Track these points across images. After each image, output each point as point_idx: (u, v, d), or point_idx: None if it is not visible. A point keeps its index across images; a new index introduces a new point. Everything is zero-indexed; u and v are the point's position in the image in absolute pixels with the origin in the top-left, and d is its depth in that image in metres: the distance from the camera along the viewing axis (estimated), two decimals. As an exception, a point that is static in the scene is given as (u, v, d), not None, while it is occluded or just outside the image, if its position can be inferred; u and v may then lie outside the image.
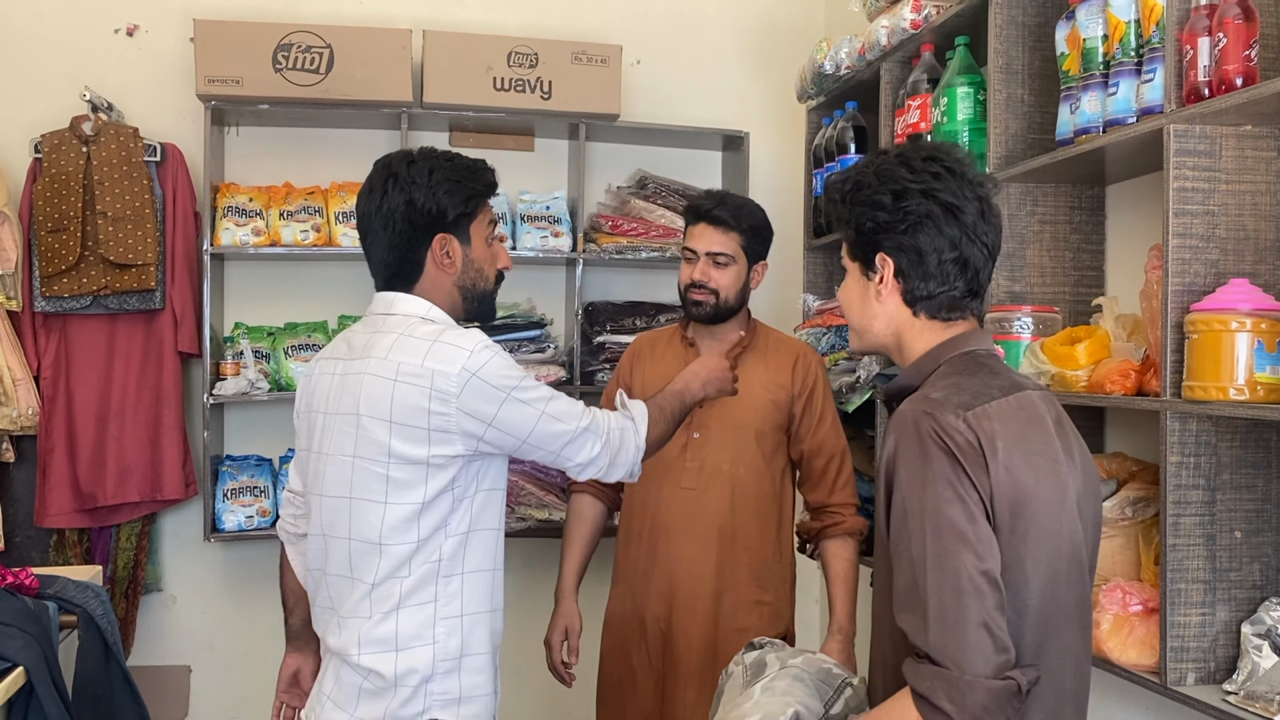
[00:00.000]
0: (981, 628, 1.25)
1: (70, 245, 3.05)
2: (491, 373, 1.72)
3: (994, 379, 1.40)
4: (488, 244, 1.89)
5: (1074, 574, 1.37)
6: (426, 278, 1.83)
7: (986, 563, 1.27)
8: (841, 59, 2.94)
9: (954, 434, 1.31)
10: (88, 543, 3.24)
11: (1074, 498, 1.37)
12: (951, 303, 1.44)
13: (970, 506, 1.29)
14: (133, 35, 3.39)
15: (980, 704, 1.23)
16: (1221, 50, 1.67)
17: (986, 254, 1.43)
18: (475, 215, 1.85)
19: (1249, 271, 1.78)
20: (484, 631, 1.80)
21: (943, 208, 1.40)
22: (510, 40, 3.32)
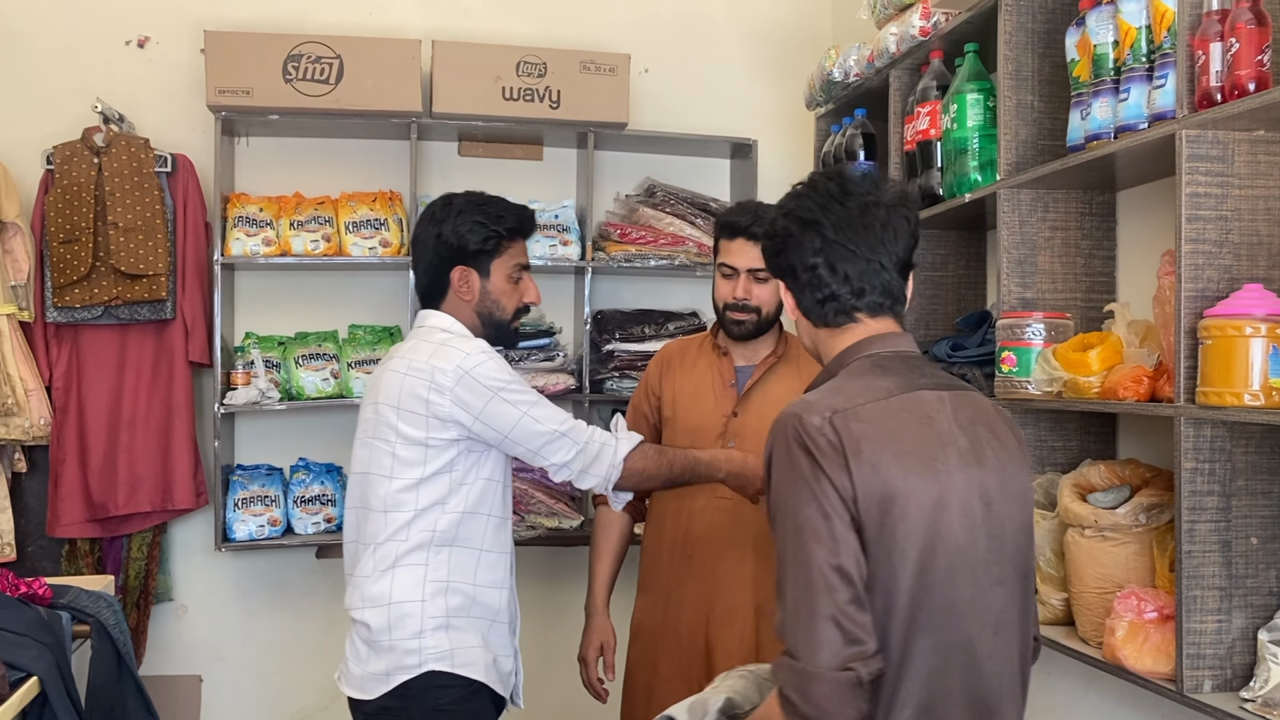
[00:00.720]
0: (830, 621, 1.30)
1: (82, 256, 3.07)
2: (483, 373, 2.01)
3: (884, 380, 1.45)
4: (510, 280, 2.17)
5: (960, 573, 1.38)
6: (449, 301, 2.16)
7: (840, 559, 1.33)
8: (850, 66, 2.94)
9: (816, 436, 1.37)
10: (99, 552, 3.24)
11: (963, 497, 1.39)
12: (836, 309, 1.52)
13: (825, 505, 1.35)
14: (144, 47, 3.41)
15: (823, 694, 1.29)
16: (1234, 55, 1.67)
17: (864, 258, 1.49)
18: (497, 253, 2.15)
19: (1263, 277, 1.77)
20: (471, 601, 2.04)
21: (800, 224, 1.51)
22: (519, 50, 3.33)
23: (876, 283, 1.50)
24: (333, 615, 3.49)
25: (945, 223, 2.68)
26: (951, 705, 1.39)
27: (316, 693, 3.52)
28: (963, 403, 1.48)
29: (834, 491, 1.35)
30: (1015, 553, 1.46)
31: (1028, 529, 1.50)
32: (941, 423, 1.43)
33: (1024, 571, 1.48)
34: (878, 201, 1.50)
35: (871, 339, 1.51)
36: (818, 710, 1.30)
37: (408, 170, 3.33)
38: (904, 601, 1.36)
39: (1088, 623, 2.09)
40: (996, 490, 1.43)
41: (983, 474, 1.43)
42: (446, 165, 3.57)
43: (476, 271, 2.14)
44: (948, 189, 2.51)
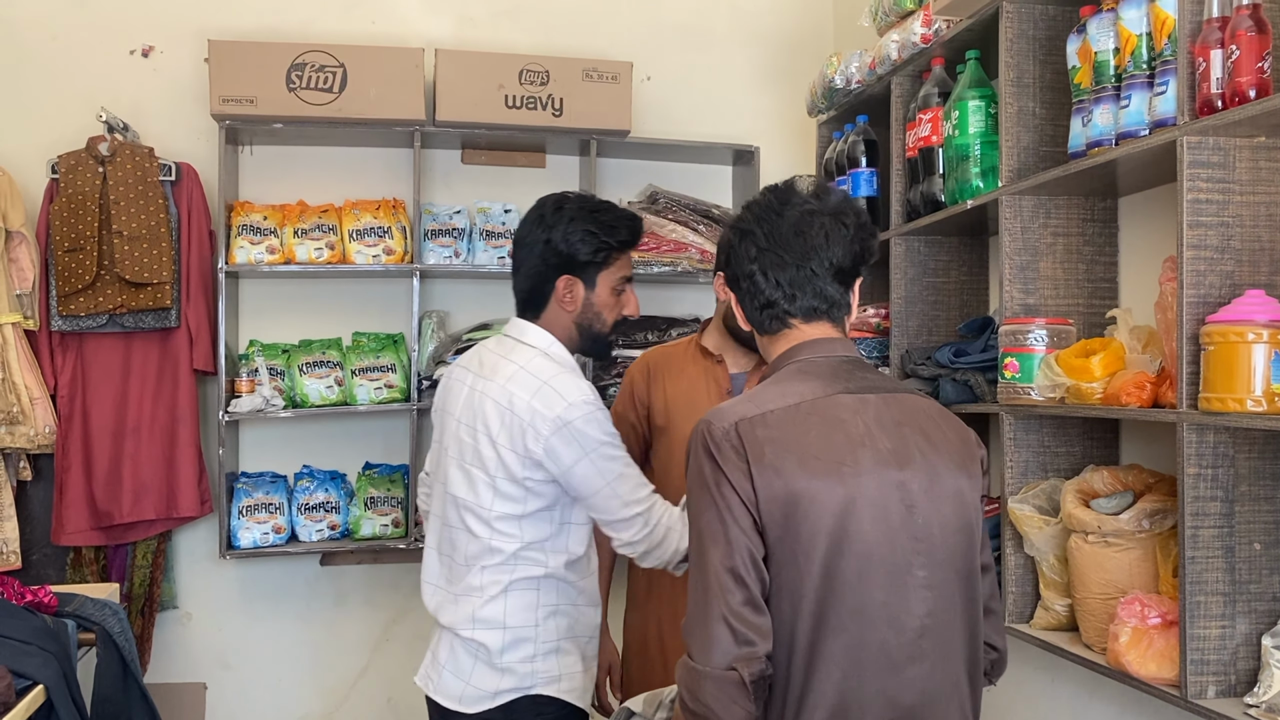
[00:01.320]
0: (721, 621, 1.35)
1: (86, 264, 3.08)
2: (581, 427, 1.94)
3: (801, 385, 1.48)
4: (614, 292, 2.12)
5: (872, 575, 1.40)
6: (549, 310, 2.09)
7: (733, 561, 1.37)
8: (852, 73, 2.95)
9: (721, 441, 1.42)
10: (104, 560, 3.25)
11: (876, 499, 1.41)
12: (771, 315, 1.56)
13: (722, 509, 1.39)
14: (148, 56, 3.42)
15: (708, 693, 1.34)
16: (1234, 62, 1.67)
17: (794, 264, 1.52)
18: (606, 265, 2.09)
19: (1265, 283, 1.78)
20: (575, 621, 2.07)
21: (739, 235, 1.57)
22: (521, 58, 3.34)
23: (809, 289, 1.54)
24: (337, 622, 3.51)
25: (947, 229, 2.69)
26: (868, 708, 1.40)
27: (321, 700, 3.52)
28: (891, 405, 1.50)
29: (735, 495, 1.39)
30: (950, 555, 1.46)
31: (967, 530, 1.49)
32: (855, 426, 1.45)
33: (965, 573, 1.48)
34: (817, 210, 1.54)
35: (802, 345, 1.55)
36: (704, 709, 1.35)
37: (411, 178, 3.34)
38: (811, 603, 1.38)
39: (1091, 628, 2.09)
40: (922, 492, 1.44)
41: (904, 476, 1.44)
42: (449, 173, 3.58)
43: (583, 282, 2.08)
44: (950, 195, 2.52)
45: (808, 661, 1.39)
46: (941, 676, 1.44)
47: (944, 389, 2.48)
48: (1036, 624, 2.27)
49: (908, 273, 2.78)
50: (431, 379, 3.31)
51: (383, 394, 3.32)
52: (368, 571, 3.52)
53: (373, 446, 3.50)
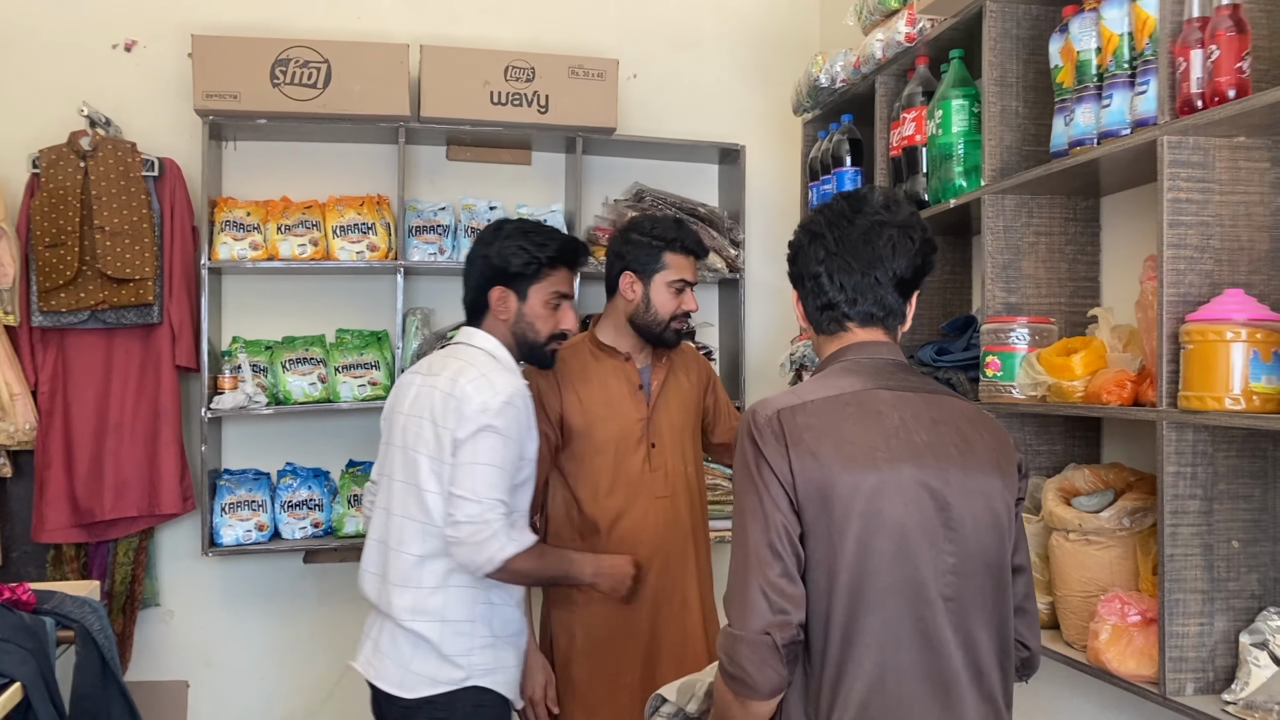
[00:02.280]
0: (759, 591, 1.46)
1: (68, 260, 3.06)
2: (495, 412, 2.11)
3: (844, 380, 1.57)
4: (547, 305, 2.31)
5: (907, 556, 1.47)
6: (488, 319, 2.31)
7: (770, 536, 1.47)
8: (837, 72, 2.96)
9: (763, 428, 1.52)
10: (85, 558, 3.23)
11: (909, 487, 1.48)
12: (831, 317, 1.64)
13: (761, 489, 1.49)
14: (130, 51, 3.41)
15: (743, 654, 1.45)
16: (1214, 62, 1.68)
17: (860, 271, 1.60)
18: (536, 279, 2.28)
19: (1244, 282, 1.78)
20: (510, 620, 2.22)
21: (810, 236, 1.65)
22: (507, 55, 3.33)
23: (870, 295, 1.61)
24: (320, 620, 3.50)
25: (931, 228, 2.68)
26: (905, 679, 1.47)
27: (304, 697, 3.51)
28: (930, 404, 1.57)
29: (774, 477, 1.49)
30: (981, 548, 1.52)
31: (998, 528, 1.54)
32: (891, 419, 1.53)
33: (996, 566, 1.53)
34: (887, 222, 1.61)
35: (851, 346, 1.63)
36: (739, 670, 1.46)
37: (395, 174, 3.33)
38: (846, 579, 1.46)
39: (1072, 626, 2.09)
40: (955, 486, 1.51)
41: (938, 469, 1.51)
42: (434, 169, 3.57)
43: (515, 293, 2.28)
44: (933, 194, 2.52)
45: (845, 635, 1.47)
46: (968, 660, 1.50)
47: (927, 387, 2.49)
48: (1018, 622, 2.27)
49: (892, 271, 2.78)
50: (415, 376, 3.30)
51: (366, 391, 3.31)
52: (351, 569, 3.48)
53: (356, 444, 3.49)
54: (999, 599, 1.54)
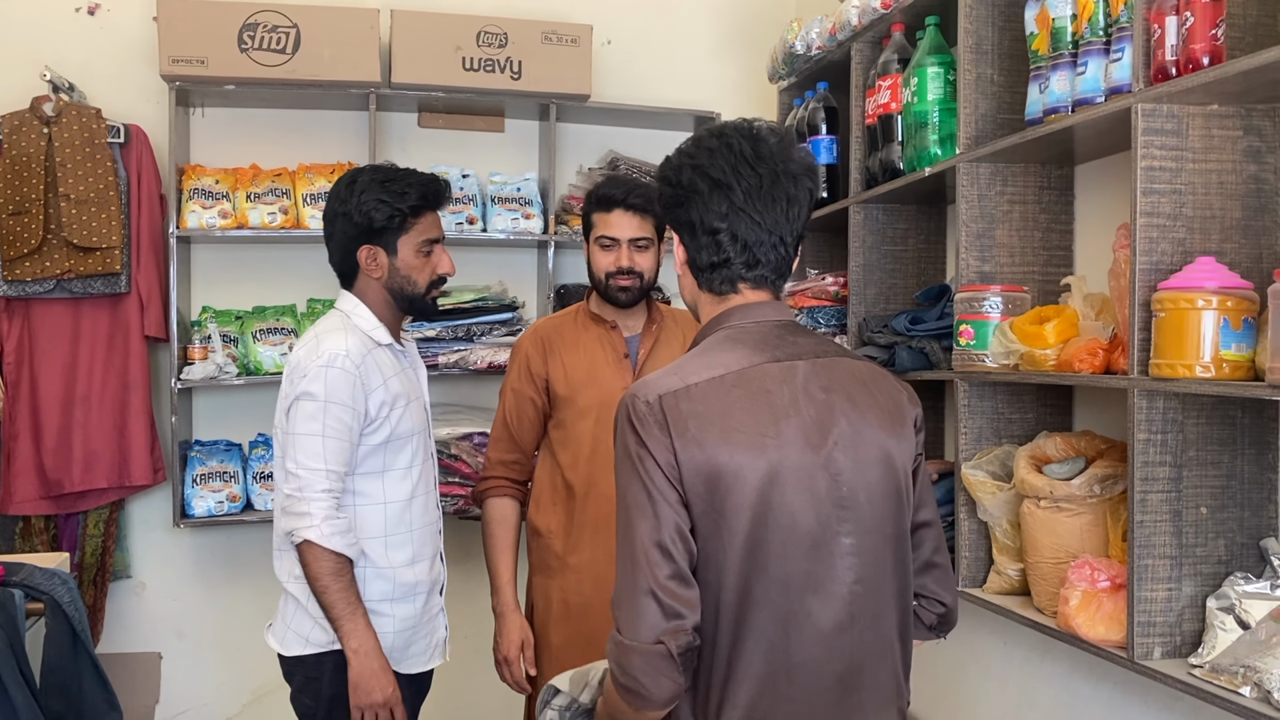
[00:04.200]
0: (649, 595, 1.34)
1: (32, 228, 3.00)
2: (313, 374, 2.07)
3: (729, 354, 1.44)
4: (419, 254, 2.20)
5: (795, 547, 1.38)
6: (360, 280, 2.21)
7: (661, 534, 1.35)
8: (812, 39, 2.93)
9: (645, 415, 1.39)
10: (54, 530, 3.20)
11: (801, 470, 1.38)
12: (724, 277, 1.49)
13: (648, 482, 1.37)
14: (94, 14, 3.33)
15: (636, 665, 1.34)
16: (1189, 29, 1.68)
17: (768, 229, 1.46)
18: (404, 230, 2.18)
19: (1215, 250, 1.79)
20: (392, 585, 2.18)
21: (710, 183, 1.45)
22: (479, 20, 3.29)
23: (771, 256, 1.48)
24: (294, 591, 3.47)
25: (905, 197, 2.69)
26: (797, 677, 1.39)
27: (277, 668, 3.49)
28: (819, 371, 1.46)
29: (658, 469, 1.37)
30: (879, 521, 1.44)
31: (895, 495, 1.47)
32: (780, 396, 1.41)
33: (894, 536, 1.47)
34: (787, 171, 1.46)
35: (735, 310, 1.50)
36: (634, 682, 1.35)
37: (367, 142, 3.29)
38: (735, 575, 1.38)
39: (1043, 592, 2.11)
40: (847, 460, 1.42)
41: (829, 445, 1.41)
42: (406, 136, 3.53)
43: (384, 249, 2.18)
44: (908, 163, 2.52)
45: (734, 633, 1.38)
46: (873, 640, 1.44)
47: (900, 356, 2.49)
48: (989, 588, 2.30)
49: (866, 240, 2.78)
50: (388, 346, 3.27)
51: (339, 361, 3.27)
52: (325, 540, 3.49)
53: (329, 414, 3.46)
54: (900, 572, 1.48)
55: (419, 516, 2.24)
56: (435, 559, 2.31)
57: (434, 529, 2.31)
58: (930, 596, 1.58)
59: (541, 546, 2.50)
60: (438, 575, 2.32)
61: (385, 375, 2.16)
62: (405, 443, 2.19)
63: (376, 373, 2.14)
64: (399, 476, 2.20)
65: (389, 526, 2.19)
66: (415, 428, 2.22)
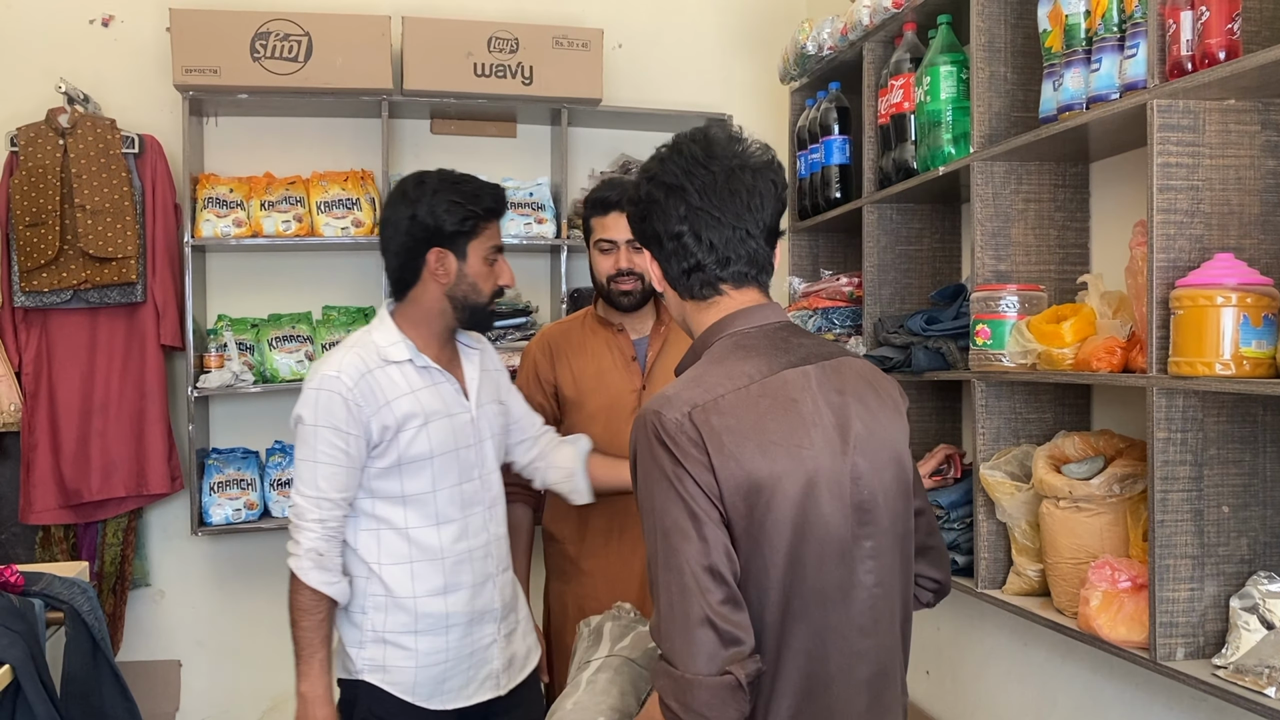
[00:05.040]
0: (705, 624, 1.26)
1: (49, 239, 3.02)
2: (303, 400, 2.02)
3: (745, 363, 1.40)
4: (486, 262, 2.09)
5: (829, 558, 1.36)
6: (421, 285, 2.08)
7: (711, 558, 1.29)
8: (824, 39, 2.92)
9: (676, 433, 1.32)
10: (74, 539, 3.22)
11: (831, 478, 1.37)
12: (701, 280, 1.46)
13: (691, 504, 1.30)
14: (108, 26, 3.36)
15: (703, 701, 1.26)
16: (1204, 24, 1.66)
17: (730, 225, 1.43)
18: (474, 235, 2.07)
19: (1234, 246, 1.77)
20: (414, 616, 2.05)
21: (665, 190, 1.44)
22: (490, 25, 3.29)
23: (742, 251, 1.45)
24: (312, 598, 3.48)
25: (920, 196, 2.68)
26: (833, 688, 1.38)
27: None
28: (830, 375, 1.44)
29: (698, 489, 1.31)
30: (892, 520, 1.44)
31: (904, 492, 1.47)
32: (805, 404, 1.39)
33: (903, 534, 1.47)
34: (744, 165, 1.44)
35: (734, 315, 1.46)
36: (698, 717, 1.27)
37: (379, 148, 3.30)
38: (777, 592, 1.34)
39: (1063, 593, 2.10)
40: (866, 463, 1.41)
41: (849, 448, 1.40)
42: (418, 143, 3.54)
43: (453, 254, 2.06)
44: (922, 162, 2.50)
45: (776, 650, 1.35)
46: (890, 642, 1.45)
47: (916, 357, 2.48)
48: (1009, 590, 2.28)
49: (880, 241, 2.77)
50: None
51: (354, 368, 3.28)
52: (342, 546, 3.50)
53: (345, 421, 3.47)
54: (905, 569, 1.48)
55: (453, 542, 2.08)
56: (483, 587, 2.13)
57: (478, 555, 2.12)
58: (926, 577, 1.59)
59: (556, 552, 2.50)
60: (488, 605, 2.13)
61: (390, 396, 2.02)
62: (422, 466, 2.05)
63: (375, 394, 2.01)
64: (419, 501, 2.06)
65: (412, 554, 2.06)
66: (439, 449, 2.06)
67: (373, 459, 2.03)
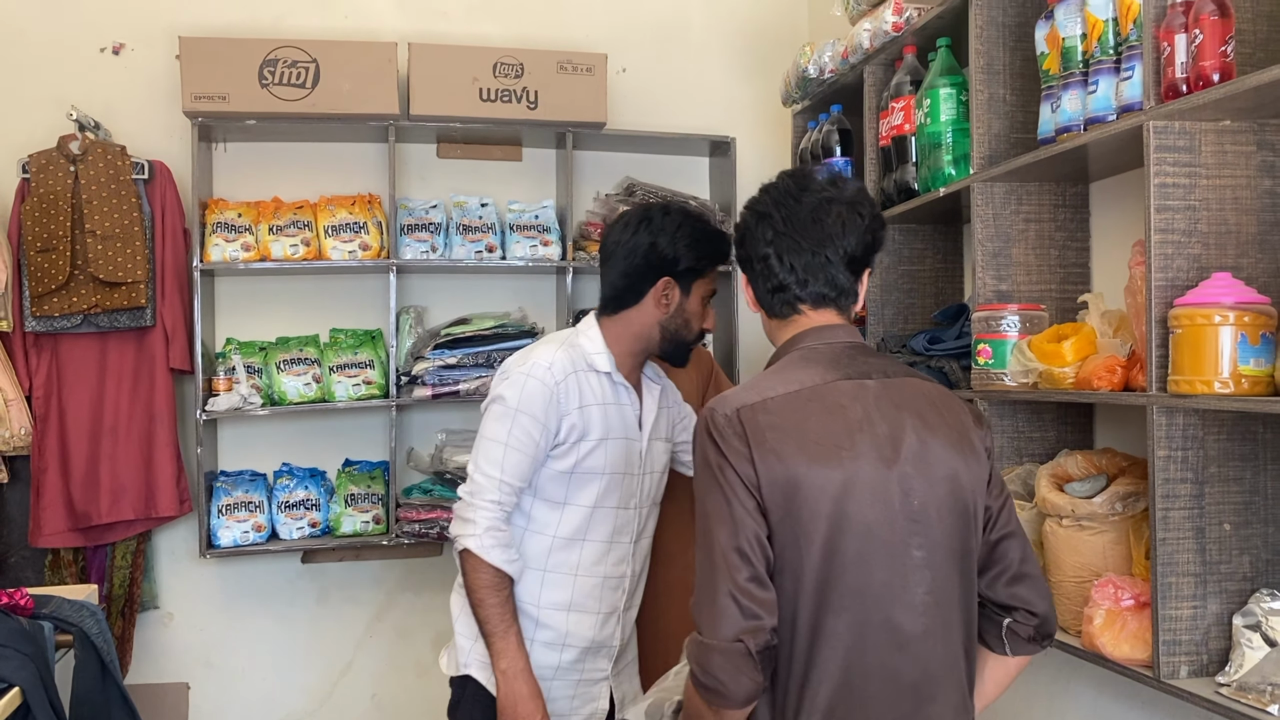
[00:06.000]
0: (728, 597, 1.40)
1: (60, 264, 3.06)
2: (509, 377, 2.06)
3: (803, 372, 1.53)
4: (703, 302, 2.18)
5: (873, 556, 1.44)
6: (639, 308, 2.14)
7: (739, 540, 1.42)
8: (825, 63, 2.95)
9: (724, 428, 1.47)
10: (83, 561, 3.23)
11: (874, 483, 1.45)
12: (783, 300, 1.60)
13: (728, 491, 1.44)
14: (119, 54, 3.40)
15: (717, 664, 1.40)
16: (1198, 47, 1.68)
17: (810, 250, 1.57)
18: (702, 274, 2.15)
19: (1231, 265, 1.79)
20: (535, 623, 2.08)
21: (757, 217, 1.62)
22: (495, 51, 3.33)
23: (821, 275, 1.58)
24: (319, 620, 3.50)
25: (921, 217, 2.70)
26: (871, 683, 1.45)
27: (304, 697, 3.52)
28: (890, 390, 1.53)
29: (738, 478, 1.44)
30: (946, 536, 1.49)
31: (963, 512, 1.51)
32: (854, 412, 1.49)
33: (960, 554, 1.51)
34: (834, 198, 1.57)
35: (807, 332, 1.59)
36: (714, 680, 1.41)
37: (386, 173, 3.33)
38: (812, 582, 1.44)
39: (1067, 611, 2.10)
40: (918, 476, 1.48)
41: (900, 460, 1.47)
42: (425, 167, 3.57)
43: (679, 287, 2.13)
44: (923, 183, 2.52)
45: (811, 639, 1.44)
46: (943, 653, 1.49)
47: (919, 376, 2.49)
48: (1013, 608, 2.28)
49: (883, 261, 2.79)
50: (410, 374, 3.30)
51: (361, 390, 3.31)
52: (349, 569, 3.52)
53: (352, 443, 3.49)
54: (966, 588, 1.53)
55: (591, 563, 2.10)
56: (609, 619, 2.14)
57: (611, 584, 2.13)
58: (1022, 607, 1.57)
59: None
60: (609, 639, 2.15)
61: (586, 401, 2.07)
62: (593, 479, 2.08)
63: (575, 395, 2.06)
64: (578, 512, 2.09)
65: (550, 561, 2.08)
66: (610, 468, 2.09)
67: (553, 458, 2.07)
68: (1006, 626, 1.57)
